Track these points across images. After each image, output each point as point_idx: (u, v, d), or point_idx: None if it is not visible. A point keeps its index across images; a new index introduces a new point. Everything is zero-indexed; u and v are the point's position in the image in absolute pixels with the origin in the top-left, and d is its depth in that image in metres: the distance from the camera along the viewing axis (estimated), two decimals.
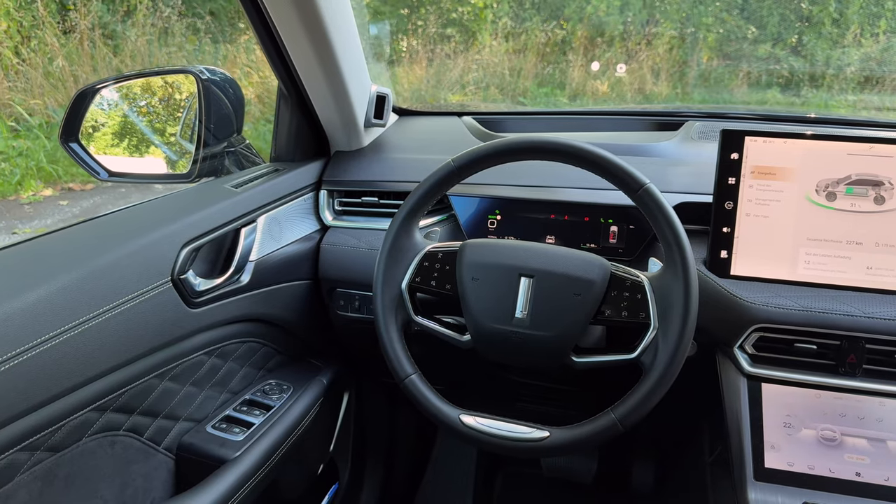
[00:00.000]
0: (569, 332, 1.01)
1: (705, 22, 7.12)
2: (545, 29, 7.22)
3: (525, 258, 1.05)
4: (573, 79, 7.03)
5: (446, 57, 7.02)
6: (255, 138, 4.71)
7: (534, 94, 6.91)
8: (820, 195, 1.12)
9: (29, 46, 5.58)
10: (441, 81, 6.88)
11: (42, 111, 5.34)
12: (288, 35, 1.18)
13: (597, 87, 6.99)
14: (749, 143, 1.14)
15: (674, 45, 6.94)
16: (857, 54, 6.63)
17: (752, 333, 1.10)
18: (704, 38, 7.06)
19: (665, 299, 0.98)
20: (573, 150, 1.02)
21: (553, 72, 7.16)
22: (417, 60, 6.91)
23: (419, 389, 1.05)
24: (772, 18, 6.88)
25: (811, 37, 6.80)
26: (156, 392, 1.03)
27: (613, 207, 1.26)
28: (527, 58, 7.10)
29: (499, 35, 7.36)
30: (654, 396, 0.96)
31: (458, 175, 1.08)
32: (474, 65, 7.09)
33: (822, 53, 6.68)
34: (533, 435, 1.00)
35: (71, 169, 4.94)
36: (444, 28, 7.22)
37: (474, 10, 7.38)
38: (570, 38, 7.20)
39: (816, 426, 1.05)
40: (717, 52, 7.01)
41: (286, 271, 1.28)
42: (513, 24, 7.37)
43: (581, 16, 7.28)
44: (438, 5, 7.45)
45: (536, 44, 7.13)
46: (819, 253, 1.12)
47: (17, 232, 4.14)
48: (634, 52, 6.99)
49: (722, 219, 1.15)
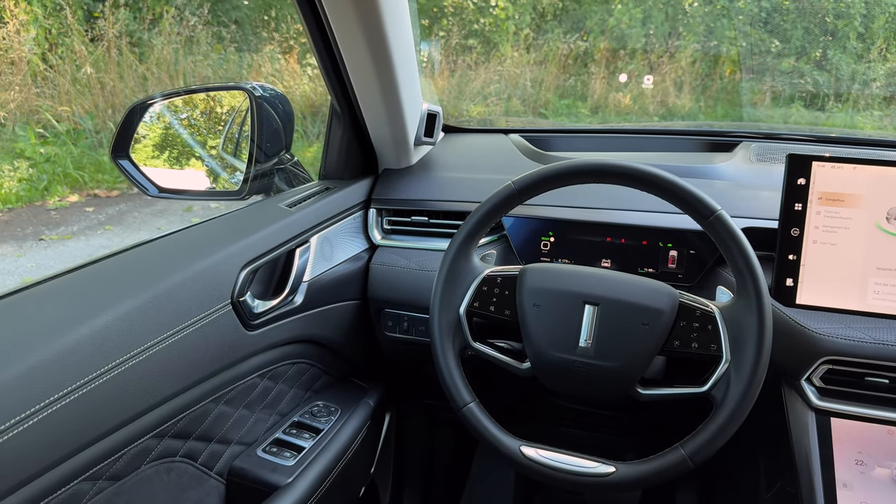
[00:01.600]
0: (635, 364, 0.98)
1: (729, 35, 7.09)
2: (567, 41, 7.21)
3: (589, 285, 1.02)
4: (595, 91, 7.01)
5: (468, 68, 7.02)
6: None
7: (555, 106, 6.89)
8: (891, 223, 1.09)
9: (57, 53, 5.63)
10: (463, 92, 6.88)
11: (69, 118, 5.38)
12: (348, 49, 1.16)
13: (619, 99, 6.97)
14: (816, 168, 1.11)
15: (696, 59, 6.91)
16: (883, 69, 6.57)
17: (821, 366, 1.06)
18: (728, 52, 7.02)
19: (737, 331, 0.95)
20: (641, 174, 0.99)
21: (575, 83, 7.14)
22: (439, 71, 6.92)
23: (478, 419, 1.02)
24: (796, 32, 6.83)
25: (836, 51, 6.74)
26: (211, 416, 1.01)
27: (672, 231, 1.23)
28: (548, 69, 7.09)
29: (520, 46, 7.36)
30: (726, 432, 0.93)
31: (519, 197, 1.05)
32: (496, 76, 7.09)
33: (847, 68, 6.63)
34: (599, 470, 0.97)
35: (97, 175, 4.97)
36: (465, 39, 7.23)
37: (496, 21, 7.39)
38: (592, 50, 7.18)
39: (891, 465, 1.01)
40: (741, 65, 6.97)
41: (336, 291, 1.26)
42: (534, 35, 7.37)
43: (603, 28, 7.26)
44: (460, 17, 7.46)
45: (558, 55, 7.12)
46: (889, 283, 1.09)
47: (44, 238, 4.16)
48: (657, 65, 6.97)
49: (788, 246, 1.12)
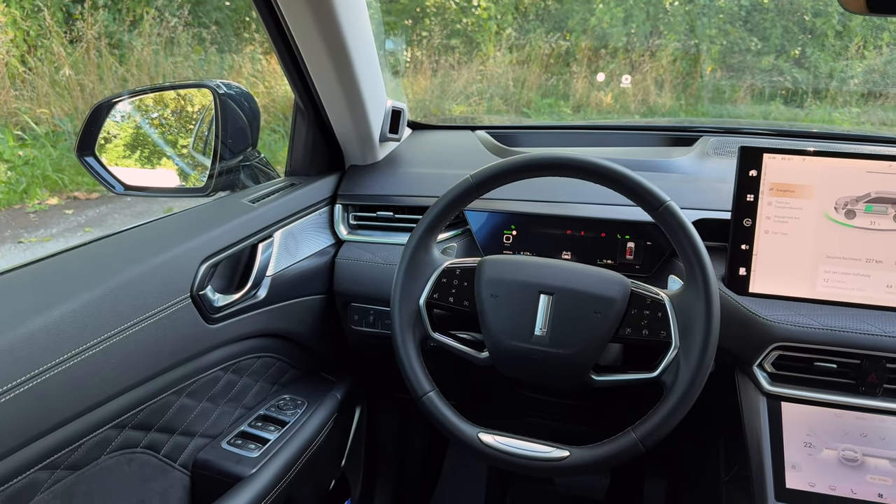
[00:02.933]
0: (588, 351, 1.01)
1: (709, 34, 7.14)
2: (549, 40, 7.23)
3: (544, 275, 1.04)
4: (577, 90, 7.04)
5: (450, 68, 7.04)
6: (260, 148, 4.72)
7: (537, 105, 6.92)
8: (839, 213, 1.12)
9: (35, 56, 5.60)
10: (445, 92, 6.89)
11: (48, 120, 5.36)
12: (306, 48, 1.18)
13: (600, 98, 7.01)
14: (768, 160, 1.14)
15: (677, 57, 6.96)
16: (861, 67, 6.65)
17: (772, 352, 1.09)
18: (708, 50, 7.07)
19: (686, 318, 0.97)
20: (593, 167, 1.02)
21: (557, 83, 7.17)
22: (422, 71, 6.93)
23: (437, 407, 1.04)
24: (775, 31, 6.89)
25: (814, 49, 6.81)
26: (173, 409, 1.03)
27: (630, 223, 1.25)
28: (530, 69, 7.12)
29: (503, 46, 7.39)
30: (676, 416, 0.95)
31: (476, 191, 1.07)
32: (478, 76, 7.11)
33: (826, 66, 6.70)
34: (553, 454, 0.99)
35: (77, 178, 4.95)
36: (448, 39, 7.25)
37: (478, 21, 7.41)
38: (574, 49, 7.22)
39: (838, 446, 1.04)
40: (721, 63, 7.03)
41: (301, 286, 1.28)
42: (517, 35, 7.39)
43: (584, 27, 7.30)
44: (443, 16, 7.48)
45: (540, 55, 7.14)
46: (838, 271, 1.12)
47: (23, 241, 4.14)
48: (638, 64, 7.01)
49: (740, 236, 1.14)
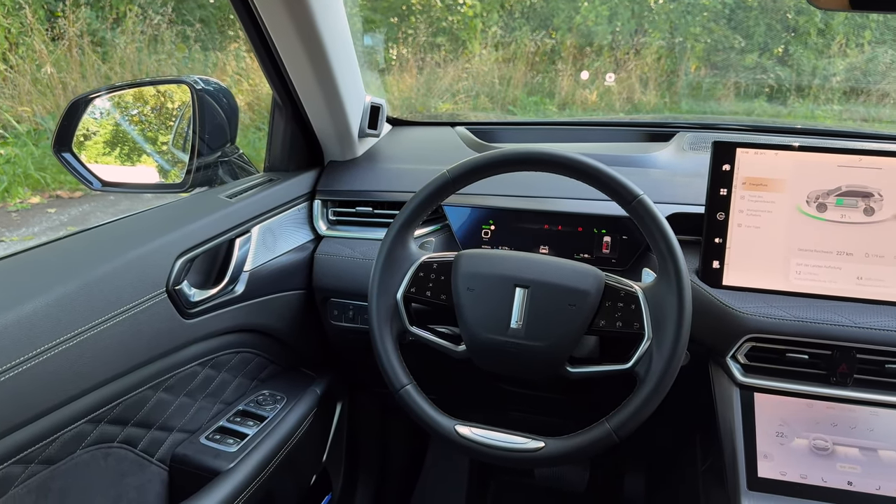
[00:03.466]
0: (563, 343, 1.02)
1: (693, 32, 7.18)
2: (534, 38, 7.25)
3: (520, 269, 1.05)
4: (562, 88, 7.06)
5: (436, 66, 7.04)
6: (244, 146, 4.70)
7: (523, 103, 6.93)
8: (811, 206, 1.14)
9: (17, 53, 5.55)
10: (431, 90, 6.89)
11: (30, 118, 5.31)
12: (283, 45, 1.19)
13: (586, 96, 7.03)
14: (741, 154, 1.15)
15: (662, 55, 6.99)
16: (843, 64, 6.70)
17: (745, 343, 1.11)
18: (692, 48, 7.10)
19: (659, 310, 0.99)
20: (567, 161, 1.03)
21: (542, 81, 7.19)
22: (408, 69, 6.92)
23: (414, 400, 1.05)
24: (758, 28, 6.94)
25: (797, 47, 6.86)
26: (150, 403, 1.03)
27: (606, 218, 1.27)
28: (516, 67, 7.13)
29: (488, 44, 7.39)
30: (648, 406, 0.96)
31: (453, 186, 1.08)
32: (464, 73, 7.12)
33: (808, 63, 6.75)
34: (528, 445, 1.00)
35: (59, 176, 4.91)
36: (434, 37, 7.24)
37: (464, 19, 7.41)
38: (560, 47, 7.24)
39: (809, 435, 1.06)
40: (705, 61, 7.06)
41: (280, 281, 1.28)
42: (502, 33, 7.40)
43: (570, 25, 7.32)
44: (428, 14, 7.48)
45: (526, 53, 7.16)
46: (810, 263, 1.14)
47: (4, 240, 4.10)
48: (623, 62, 7.04)
49: (714, 229, 1.16)
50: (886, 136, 1.47)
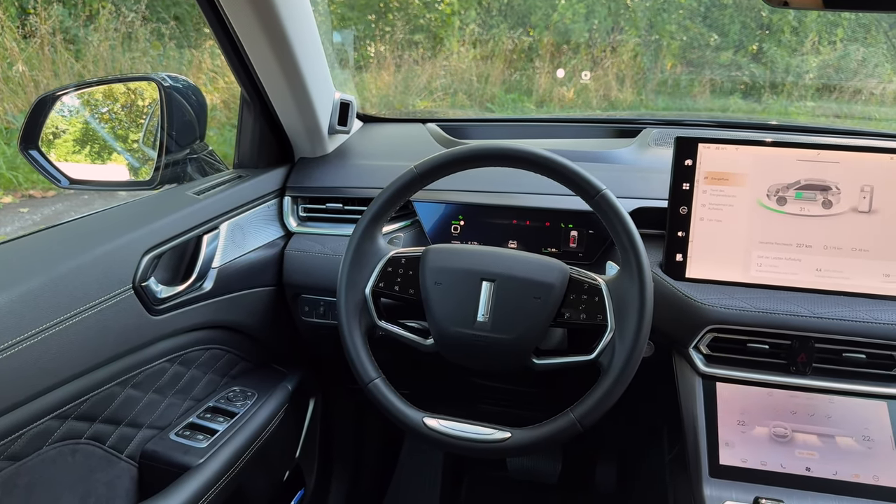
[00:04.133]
0: (529, 335, 1.03)
1: (669, 30, 7.23)
2: (512, 36, 7.27)
3: (486, 263, 1.07)
4: (540, 85, 7.09)
5: (414, 63, 7.03)
6: (221, 143, 4.66)
7: (501, 101, 6.95)
8: (771, 200, 1.16)
9: None
10: (409, 87, 6.88)
11: (2, 117, 5.23)
12: (249, 42, 1.19)
13: (563, 93, 7.06)
14: (702, 149, 1.18)
15: (638, 53, 7.04)
16: (816, 62, 6.79)
17: (707, 334, 1.13)
18: (668, 46, 7.16)
19: (621, 301, 1.00)
20: (532, 156, 1.05)
21: (520, 78, 7.21)
22: (385, 66, 6.91)
23: (383, 393, 1.06)
24: (733, 26, 7.00)
25: (771, 44, 6.93)
26: (118, 400, 1.03)
27: (573, 213, 1.28)
28: (494, 64, 7.14)
29: (466, 42, 7.39)
30: (611, 396, 0.98)
31: (420, 182, 1.09)
32: (442, 71, 7.12)
33: (782, 61, 6.83)
34: (495, 436, 1.02)
35: (32, 176, 4.84)
36: (411, 34, 7.24)
37: (441, 16, 7.41)
38: (537, 45, 7.26)
39: (769, 424, 1.09)
40: (681, 59, 7.12)
41: (250, 278, 1.28)
42: (480, 30, 7.41)
43: (547, 23, 7.35)
44: (406, 11, 7.47)
45: (504, 50, 7.18)
46: (770, 256, 1.16)
47: None
48: (600, 60, 7.08)
49: (677, 223, 1.18)
50: (845, 130, 1.51)
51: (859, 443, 1.06)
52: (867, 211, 1.13)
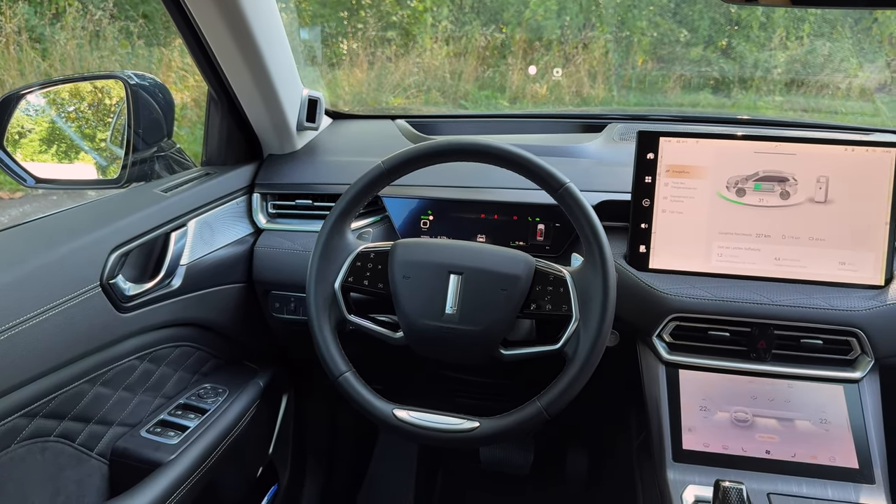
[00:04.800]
0: (496, 326, 1.05)
1: (639, 26, 7.29)
2: (485, 33, 7.28)
3: (454, 256, 1.09)
4: (513, 82, 7.11)
5: (387, 60, 7.02)
6: (192, 143, 4.62)
7: (475, 97, 6.97)
8: (730, 191, 1.19)
9: None
10: (382, 85, 6.87)
11: None
12: (214, 39, 1.19)
13: (536, 90, 7.10)
14: (664, 143, 1.20)
15: (609, 49, 7.09)
16: (784, 57, 6.89)
17: (669, 322, 1.16)
18: (638, 42, 7.22)
19: (585, 292, 1.03)
20: (497, 151, 1.06)
21: (493, 75, 7.23)
22: (358, 64, 6.89)
23: (353, 386, 1.07)
24: (703, 22, 7.08)
25: (740, 40, 7.02)
26: (87, 397, 1.03)
27: (540, 206, 1.30)
28: (467, 61, 7.15)
29: (439, 38, 7.40)
30: (576, 384, 1.00)
31: (388, 177, 1.11)
32: (415, 68, 7.11)
33: (751, 56, 6.92)
34: (463, 426, 1.03)
35: None
36: (384, 31, 7.23)
37: (414, 13, 7.41)
38: (510, 41, 7.28)
39: (730, 409, 1.12)
40: (651, 55, 7.18)
41: (219, 275, 1.28)
42: (453, 27, 7.41)
43: (519, 20, 7.37)
44: (378, 8, 7.45)
45: (476, 47, 7.19)
46: (731, 246, 1.19)
47: None
48: (572, 56, 7.12)
49: (640, 215, 1.21)
50: (802, 123, 1.55)
51: (817, 426, 1.09)
52: (823, 201, 1.17)
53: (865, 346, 1.12)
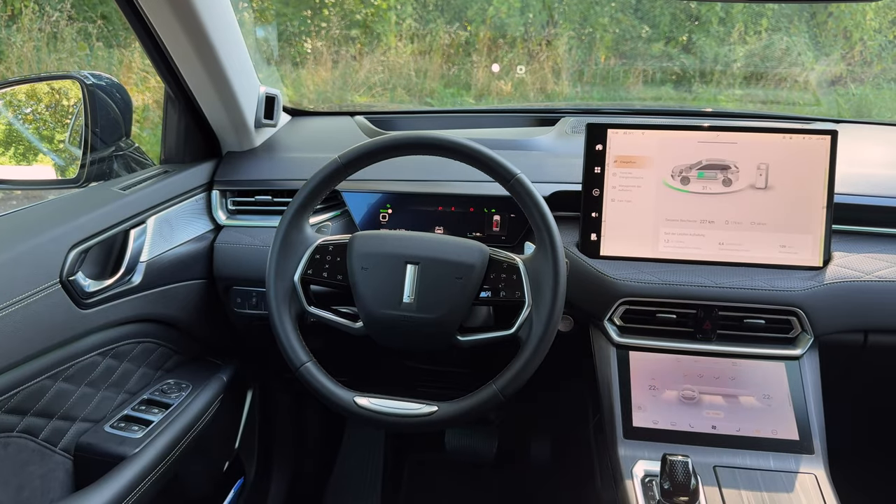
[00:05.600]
0: (453, 313, 1.09)
1: (602, 22, 7.37)
2: (449, 30, 7.30)
3: (410, 247, 1.12)
4: (478, 79, 7.14)
5: (352, 59, 7.00)
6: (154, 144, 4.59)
7: (441, 95, 6.98)
8: (675, 180, 1.24)
9: None
10: (347, 83, 6.85)
11: None
12: (169, 39, 1.21)
13: (501, 87, 7.14)
14: (611, 135, 1.25)
15: (572, 46, 7.16)
16: (743, 51, 7.02)
17: (620, 307, 1.21)
18: (601, 38, 7.30)
19: (537, 278, 1.07)
20: (451, 144, 1.10)
21: (459, 73, 7.26)
22: (322, 62, 6.86)
23: (314, 376, 1.10)
24: (664, 18, 7.17)
25: (700, 35, 7.12)
26: (50, 393, 1.04)
27: (495, 198, 1.34)
28: (432, 59, 7.16)
29: (403, 36, 7.39)
30: (530, 367, 1.04)
31: (344, 171, 1.13)
32: (380, 66, 7.11)
33: (711, 51, 7.03)
34: (422, 410, 1.07)
35: None
36: (348, 29, 7.21)
37: (378, 11, 7.40)
38: (474, 39, 7.32)
39: (678, 387, 1.17)
40: (614, 51, 7.26)
41: (180, 271, 1.30)
42: (417, 25, 7.42)
43: (483, 17, 7.40)
44: (342, 7, 7.43)
45: (441, 45, 7.20)
46: (677, 232, 1.24)
47: None
48: (536, 53, 7.17)
49: (590, 205, 1.25)
50: (743, 114, 1.61)
51: (760, 401, 1.15)
52: (764, 187, 1.22)
53: (805, 325, 1.18)
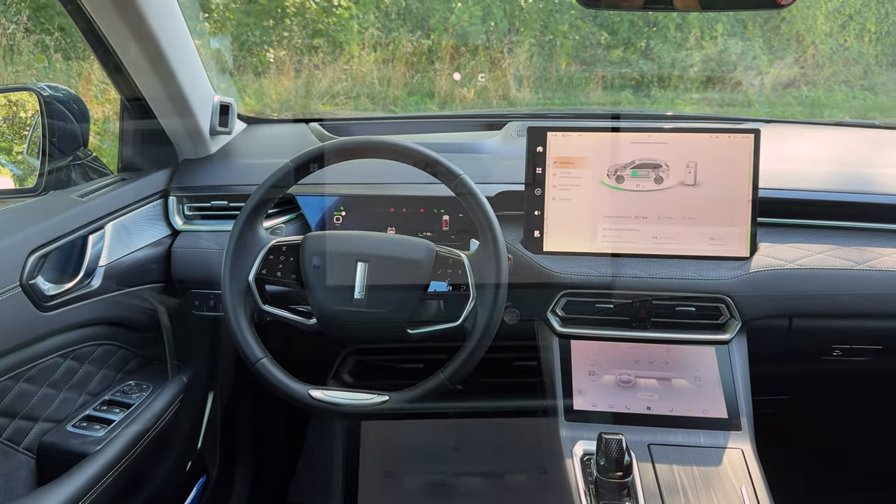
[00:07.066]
0: (402, 308, 1.15)
1: (562, 30, 7.51)
2: (411, 39, 7.37)
3: (361, 245, 1.18)
4: (441, 87, 7.22)
5: (315, 67, 7.03)
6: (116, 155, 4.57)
7: (404, 103, 7.04)
8: (611, 179, 1.32)
9: None
10: (310, 92, 6.87)
11: None
12: (122, 50, 1.25)
13: (464, 94, 7.23)
14: (551, 137, 1.32)
15: (533, 53, 7.28)
16: (699, 56, 7.21)
17: (561, 298, 1.28)
18: (562, 45, 7.44)
19: (481, 273, 1.13)
20: (398, 147, 1.17)
21: (422, 80, 7.32)
22: (285, 72, 6.87)
23: (270, 371, 1.15)
24: (622, 24, 7.33)
25: (658, 41, 7.30)
26: (12, 393, 1.07)
27: (444, 199, 1.40)
28: (395, 67, 7.22)
29: (366, 45, 7.44)
30: (475, 355, 1.11)
31: (296, 174, 1.19)
32: (343, 75, 7.14)
33: (668, 56, 7.21)
34: (374, 400, 1.13)
35: None
36: (310, 39, 7.23)
37: (340, 20, 7.44)
38: (437, 47, 7.40)
39: (615, 372, 1.24)
40: (574, 57, 7.40)
41: (138, 275, 1.34)
42: (380, 34, 7.47)
43: (445, 26, 7.49)
44: (304, 16, 7.45)
45: (404, 53, 7.27)
46: (613, 227, 1.32)
47: None
48: (497, 60, 7.27)
49: (533, 203, 1.32)
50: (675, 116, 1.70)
51: (691, 383, 1.23)
52: (693, 184, 1.30)
53: (733, 311, 1.26)
